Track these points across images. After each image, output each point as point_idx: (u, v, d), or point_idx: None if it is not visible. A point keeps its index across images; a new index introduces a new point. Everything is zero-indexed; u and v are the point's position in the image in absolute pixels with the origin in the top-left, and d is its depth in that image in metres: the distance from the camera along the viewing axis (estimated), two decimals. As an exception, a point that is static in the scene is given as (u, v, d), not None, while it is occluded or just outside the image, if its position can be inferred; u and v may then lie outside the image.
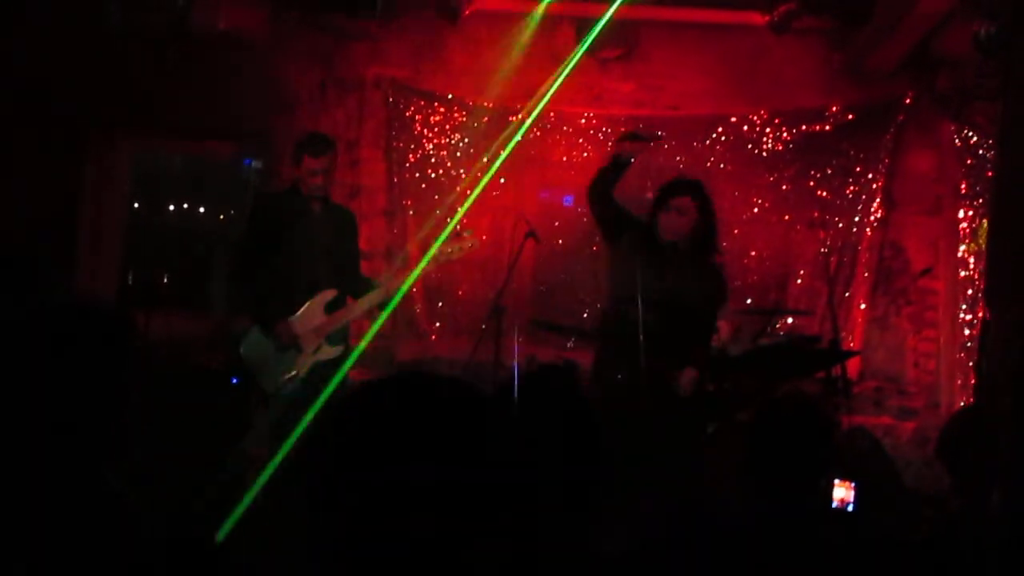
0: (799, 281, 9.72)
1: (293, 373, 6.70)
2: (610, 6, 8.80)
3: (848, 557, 3.38)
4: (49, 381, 2.44)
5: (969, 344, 9.18)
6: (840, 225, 9.68)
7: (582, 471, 2.73)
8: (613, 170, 6.55)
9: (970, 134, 9.40)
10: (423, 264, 7.05)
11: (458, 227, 7.15)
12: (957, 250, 9.47)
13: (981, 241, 9.00)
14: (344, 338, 6.93)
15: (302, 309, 6.76)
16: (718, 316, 6.96)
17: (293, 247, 6.81)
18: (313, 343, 6.75)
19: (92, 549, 2.34)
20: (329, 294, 6.83)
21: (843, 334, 9.13)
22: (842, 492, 6.20)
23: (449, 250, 6.93)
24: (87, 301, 2.73)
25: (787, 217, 9.71)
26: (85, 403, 2.47)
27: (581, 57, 9.63)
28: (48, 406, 2.43)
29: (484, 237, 7.20)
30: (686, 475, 6.33)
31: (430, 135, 9.76)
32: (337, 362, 6.86)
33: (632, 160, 6.54)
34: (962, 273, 9.43)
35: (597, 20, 8.99)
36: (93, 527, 2.37)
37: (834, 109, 9.65)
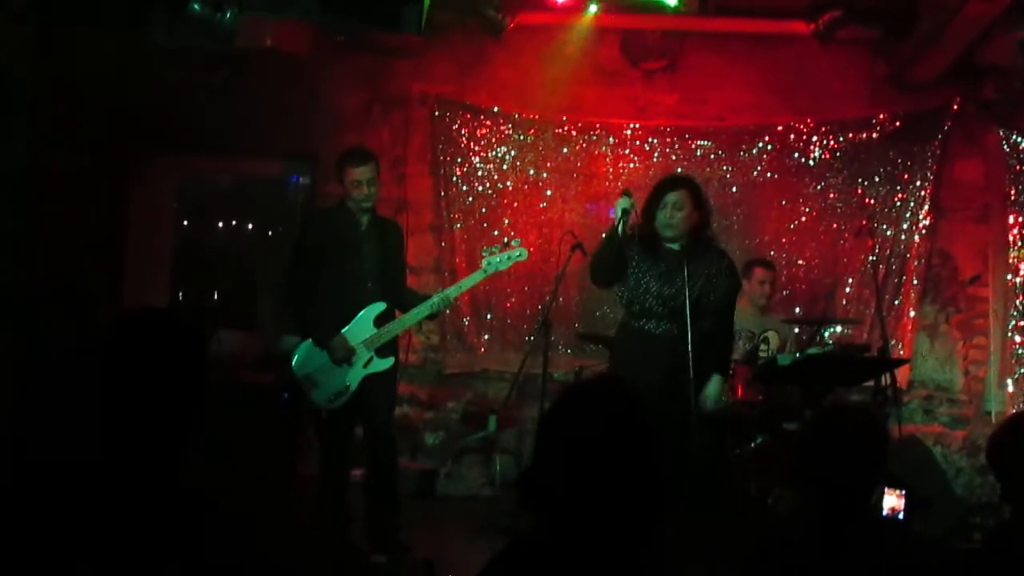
0: (848, 290, 9.66)
1: (346, 386, 6.74)
2: (653, 17, 8.83)
3: (899, 567, 3.36)
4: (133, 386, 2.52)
5: (1020, 351, 9.13)
6: (888, 233, 9.61)
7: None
8: (611, 249, 6.41)
9: (1018, 140, 9.35)
10: (474, 277, 7.08)
11: (506, 238, 7.17)
12: (1006, 257, 9.41)
13: (1030, 248, 8.99)
14: (394, 351, 6.96)
15: (352, 323, 6.80)
16: (735, 300, 6.86)
17: (342, 261, 6.86)
18: (364, 356, 6.78)
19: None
20: (378, 307, 6.86)
21: (892, 343, 9.08)
22: (892, 501, 6.19)
23: (497, 260, 6.95)
24: (167, 313, 2.83)
25: (835, 226, 9.65)
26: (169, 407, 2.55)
27: (626, 70, 9.67)
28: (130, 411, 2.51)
29: (531, 250, 7.19)
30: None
31: (476, 148, 9.79)
32: (387, 375, 6.90)
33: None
34: (1012, 280, 9.38)
35: (641, 31, 9.00)
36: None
37: (881, 117, 9.58)
